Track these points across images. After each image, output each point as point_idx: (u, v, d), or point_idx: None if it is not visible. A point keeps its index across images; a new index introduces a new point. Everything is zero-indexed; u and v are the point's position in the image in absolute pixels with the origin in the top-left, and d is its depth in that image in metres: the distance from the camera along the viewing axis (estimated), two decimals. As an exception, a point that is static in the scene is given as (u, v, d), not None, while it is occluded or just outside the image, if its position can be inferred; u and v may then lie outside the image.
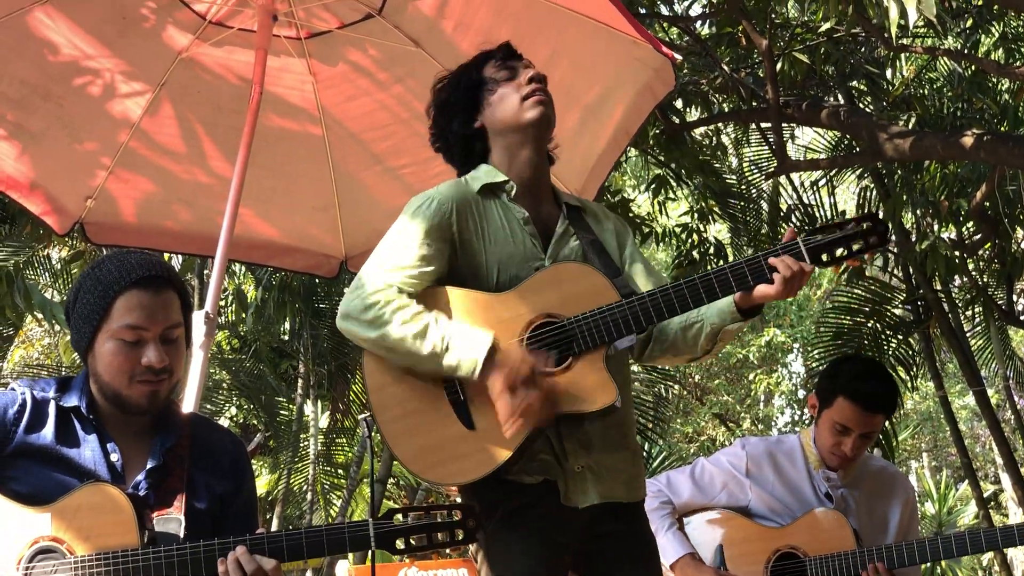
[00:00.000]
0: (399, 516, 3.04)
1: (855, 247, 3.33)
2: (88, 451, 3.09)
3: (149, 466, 3.11)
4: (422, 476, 3.31)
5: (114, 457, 3.10)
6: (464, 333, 3.22)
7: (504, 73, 3.58)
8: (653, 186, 9.78)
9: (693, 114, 9.57)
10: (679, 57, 6.51)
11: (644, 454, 12.30)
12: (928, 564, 18.74)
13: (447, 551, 3.17)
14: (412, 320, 3.22)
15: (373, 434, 3.44)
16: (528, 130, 3.50)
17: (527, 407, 3.14)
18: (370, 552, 3.37)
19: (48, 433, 3.08)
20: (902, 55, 9.42)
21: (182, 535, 3.01)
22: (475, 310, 3.32)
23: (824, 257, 3.32)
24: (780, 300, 3.30)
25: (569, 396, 3.24)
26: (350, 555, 14.31)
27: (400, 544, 3.02)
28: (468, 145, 3.59)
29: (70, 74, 5.21)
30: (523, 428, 3.16)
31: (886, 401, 4.52)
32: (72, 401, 3.14)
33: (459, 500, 3.34)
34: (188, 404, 4.49)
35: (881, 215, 3.25)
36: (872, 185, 9.82)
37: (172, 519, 3.05)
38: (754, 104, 8.72)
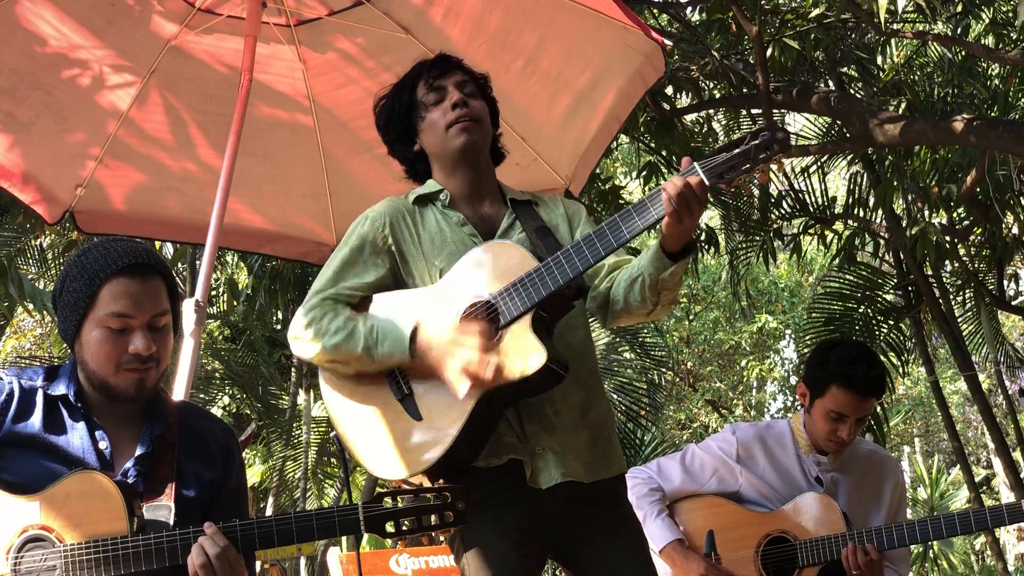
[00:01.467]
0: (388, 500, 3.04)
1: (757, 156, 3.18)
2: (76, 439, 3.09)
3: (138, 453, 3.10)
4: (389, 477, 3.35)
5: (102, 445, 3.09)
6: (388, 323, 3.34)
7: (432, 96, 3.63)
8: (644, 173, 9.78)
9: (683, 101, 9.58)
10: (669, 43, 6.52)
11: (637, 441, 12.35)
12: (920, 548, 18.79)
13: (439, 537, 3.16)
14: (344, 325, 3.38)
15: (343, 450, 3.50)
16: (456, 156, 3.59)
17: (465, 366, 3.21)
18: (360, 537, 3.37)
19: (36, 422, 3.08)
20: (892, 41, 9.43)
21: (172, 523, 3.01)
22: (406, 306, 3.43)
23: (725, 174, 3.17)
24: (682, 225, 3.17)
25: (505, 366, 3.24)
26: (343, 542, 14.34)
27: (390, 527, 3.02)
28: (412, 166, 3.73)
29: (59, 63, 5.20)
30: (472, 387, 3.23)
31: (878, 384, 4.53)
32: (60, 389, 3.13)
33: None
34: (178, 392, 4.48)
35: (776, 121, 3.11)
36: (862, 171, 9.83)
37: (162, 507, 3.04)
38: (744, 90, 8.73)
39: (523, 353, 3.26)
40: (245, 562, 2.99)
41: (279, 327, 14.27)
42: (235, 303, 12.13)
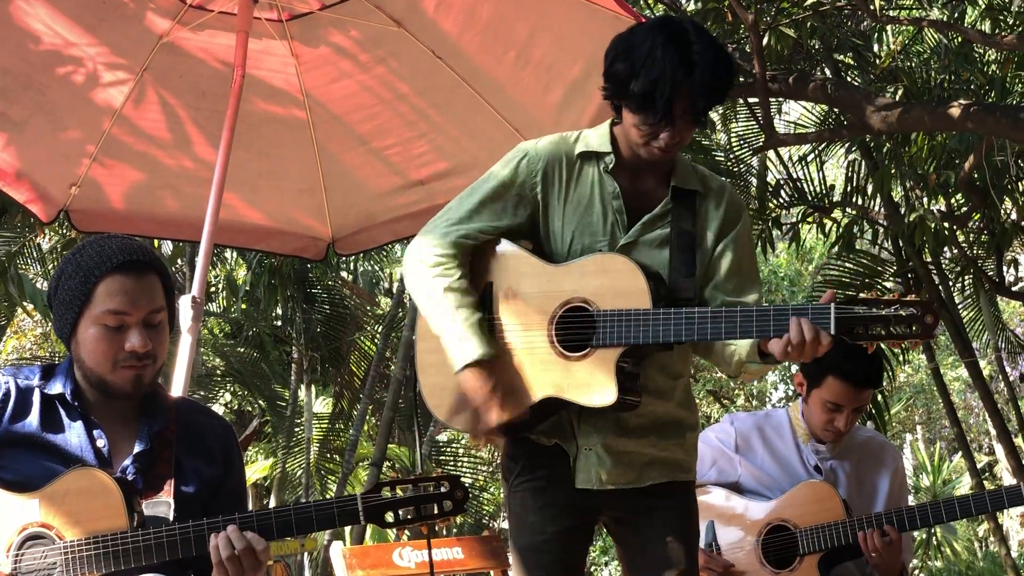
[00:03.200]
0: (387, 490, 3.04)
1: (896, 330, 3.07)
2: (74, 437, 3.08)
3: (136, 450, 3.10)
4: (432, 410, 3.42)
5: (100, 443, 3.09)
6: (460, 337, 3.31)
7: (665, 116, 3.29)
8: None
9: (680, 90, 9.54)
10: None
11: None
12: (923, 535, 18.73)
13: (441, 528, 3.17)
14: (441, 296, 3.35)
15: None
16: (633, 155, 3.41)
17: (480, 411, 3.28)
18: (362, 529, 3.38)
19: (33, 421, 3.08)
20: (888, 27, 9.41)
21: (171, 519, 3.01)
22: (527, 275, 3.40)
23: (857, 331, 3.12)
24: (785, 360, 3.19)
25: (573, 384, 3.28)
26: (346, 537, 14.35)
27: (390, 517, 3.03)
28: (613, 99, 3.43)
29: (52, 61, 5.20)
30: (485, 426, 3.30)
31: (874, 375, 4.53)
32: (56, 388, 3.13)
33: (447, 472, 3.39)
34: (177, 388, 4.49)
35: (932, 304, 2.96)
36: (860, 158, 9.82)
37: (161, 503, 3.04)
38: (741, 79, 8.71)
39: (594, 384, 3.27)
40: None
41: (279, 323, 14.27)
42: (234, 299, 12.14)
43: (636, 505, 3.45)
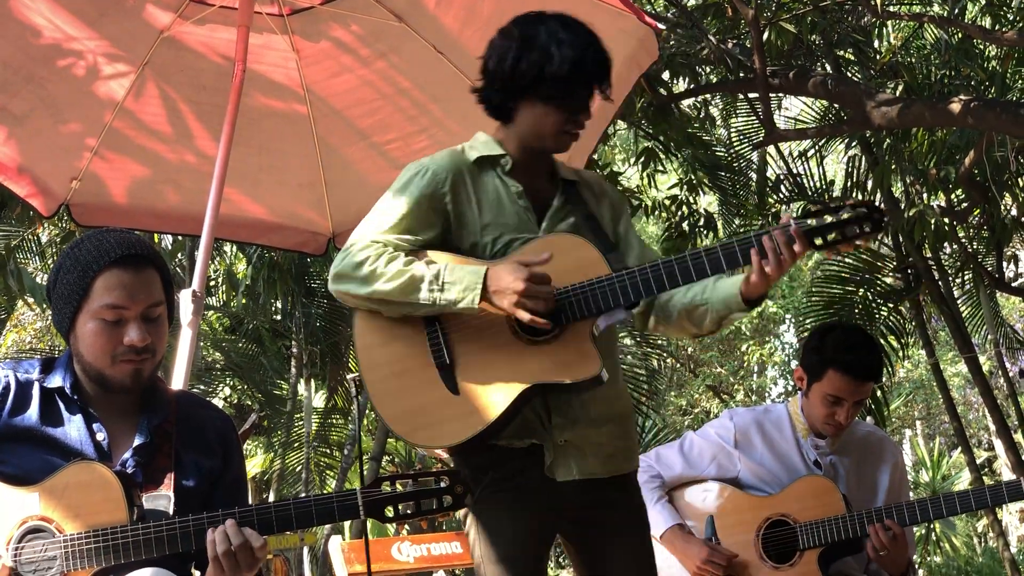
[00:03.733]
0: (387, 484, 3.04)
1: (849, 232, 3.29)
2: (74, 431, 3.08)
3: (136, 444, 3.10)
4: (407, 439, 3.33)
5: (100, 436, 3.09)
6: (457, 269, 3.25)
7: (572, 103, 3.41)
8: (642, 159, 9.78)
9: (680, 85, 9.56)
10: (663, 27, 6.51)
11: (638, 428, 12.35)
12: (923, 531, 18.73)
13: (440, 523, 3.17)
14: (404, 268, 3.25)
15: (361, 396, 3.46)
16: (541, 148, 3.49)
17: (539, 305, 3.18)
18: (362, 523, 3.37)
19: (32, 414, 3.08)
20: (889, 23, 9.41)
21: (171, 512, 3.01)
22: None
23: (817, 241, 3.28)
24: (768, 280, 3.25)
25: (553, 365, 3.26)
26: (346, 532, 14.36)
27: (390, 512, 3.02)
28: (495, 105, 3.50)
29: (52, 55, 5.19)
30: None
31: (875, 368, 4.54)
32: (56, 382, 3.13)
33: (448, 466, 3.36)
34: (177, 382, 4.49)
35: (879, 203, 3.26)
36: (860, 154, 9.82)
37: (161, 496, 3.04)
38: (741, 75, 8.72)
39: (575, 358, 3.27)
40: None
41: (279, 317, 14.27)
42: (234, 294, 12.13)
43: (600, 499, 3.44)
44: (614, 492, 3.46)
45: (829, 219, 3.29)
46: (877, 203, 3.40)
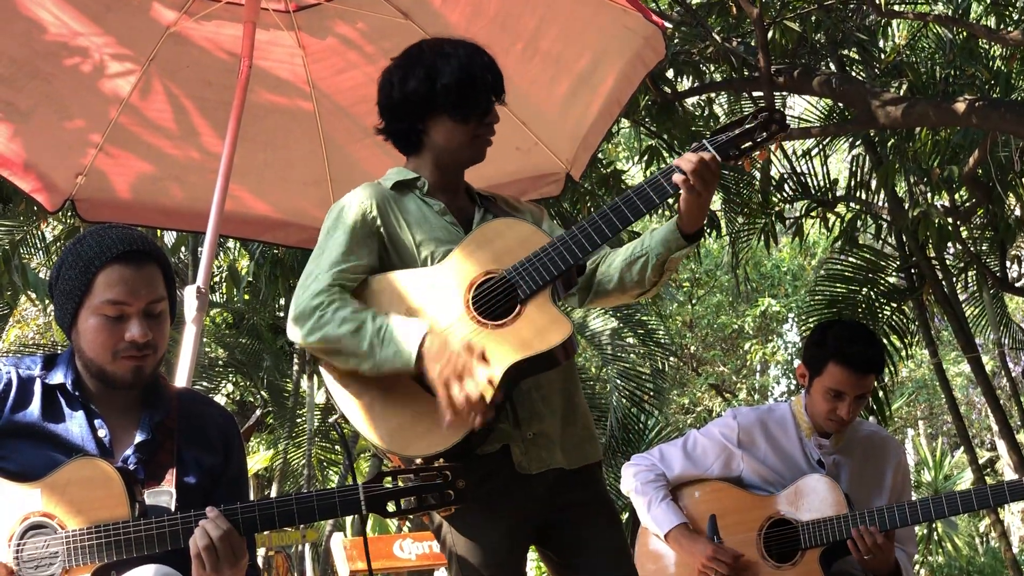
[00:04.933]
0: (389, 480, 3.04)
1: (759, 136, 3.44)
2: (75, 427, 3.09)
3: (138, 440, 3.11)
4: (404, 453, 3.27)
5: (102, 433, 3.10)
6: (399, 325, 3.24)
7: (477, 114, 3.52)
8: (645, 157, 9.78)
9: (684, 84, 9.56)
10: (669, 25, 6.51)
11: (642, 426, 12.37)
12: (924, 530, 18.74)
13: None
14: (351, 318, 3.26)
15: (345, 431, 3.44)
16: (460, 163, 3.58)
17: (463, 400, 3.14)
18: (364, 520, 3.37)
19: (34, 411, 3.08)
20: (893, 22, 9.41)
21: (173, 508, 3.02)
22: (418, 286, 3.37)
23: (731, 152, 3.41)
24: (699, 202, 3.36)
25: (522, 342, 3.26)
26: (347, 528, 14.37)
27: (391, 507, 3.03)
28: (399, 135, 3.61)
29: (58, 51, 5.19)
30: (458, 421, 3.18)
31: (876, 361, 4.54)
32: (58, 378, 3.14)
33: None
34: (181, 379, 4.49)
35: (774, 104, 3.46)
36: (864, 153, 9.81)
37: (163, 492, 3.05)
38: (746, 73, 8.72)
39: (544, 327, 3.27)
40: (247, 545, 2.99)
41: (281, 314, 14.27)
42: (236, 290, 12.12)
43: (568, 491, 3.46)
44: (581, 484, 3.50)
45: (737, 130, 3.44)
46: (775, 106, 3.54)
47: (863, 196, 9.77)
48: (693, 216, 3.39)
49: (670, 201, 3.56)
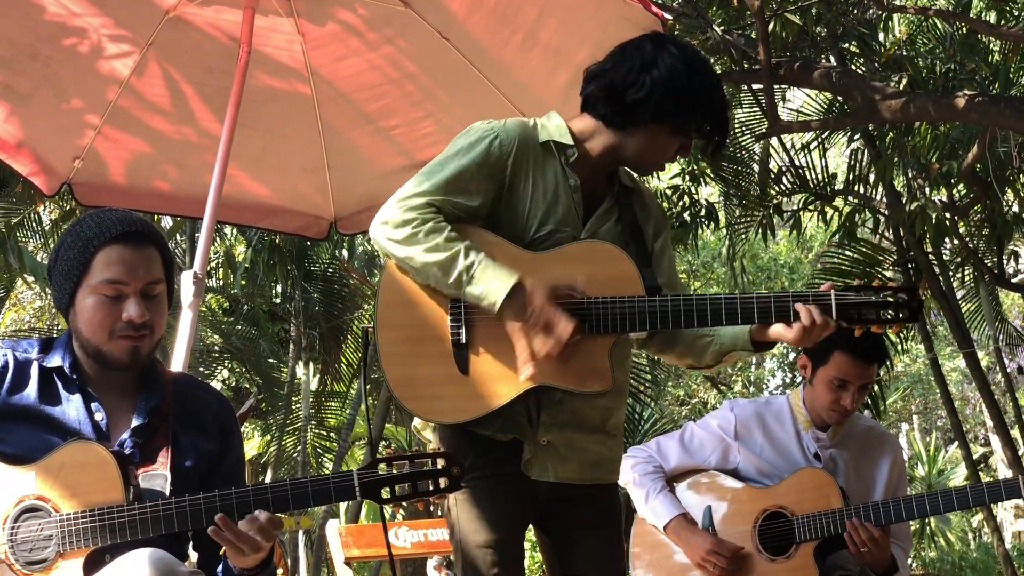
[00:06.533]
0: (383, 466, 3.04)
1: (885, 315, 3.33)
2: (72, 410, 3.08)
3: (134, 424, 3.10)
4: (404, 403, 3.30)
5: (98, 416, 3.09)
6: (491, 268, 3.21)
7: (685, 139, 3.46)
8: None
9: (684, 75, 9.52)
10: (669, 17, 6.49)
11: (637, 417, 12.35)
12: (917, 525, 18.77)
13: (436, 508, 3.17)
14: (444, 245, 3.21)
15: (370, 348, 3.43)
16: (621, 162, 3.52)
17: (537, 354, 3.18)
18: (358, 507, 3.36)
19: (31, 393, 3.07)
20: (894, 16, 9.40)
21: (168, 491, 3.01)
22: (504, 263, 3.29)
23: (853, 315, 3.32)
24: (790, 337, 3.31)
25: (564, 371, 3.27)
26: (342, 515, 14.36)
27: (386, 494, 3.02)
28: (603, 109, 3.43)
29: (57, 32, 5.17)
30: (533, 373, 3.21)
31: (880, 349, 4.55)
32: (55, 361, 3.13)
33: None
34: (177, 364, 4.48)
35: (918, 291, 3.34)
36: (863, 147, 9.81)
37: (157, 475, 3.04)
38: (746, 65, 8.70)
39: (589, 371, 3.29)
40: None
41: (278, 300, 14.27)
42: (232, 276, 12.13)
43: (572, 499, 3.45)
44: (588, 504, 3.48)
45: (869, 298, 3.33)
46: (917, 290, 3.43)
47: (861, 190, 9.78)
48: (771, 340, 3.36)
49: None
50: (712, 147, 3.47)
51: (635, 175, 3.67)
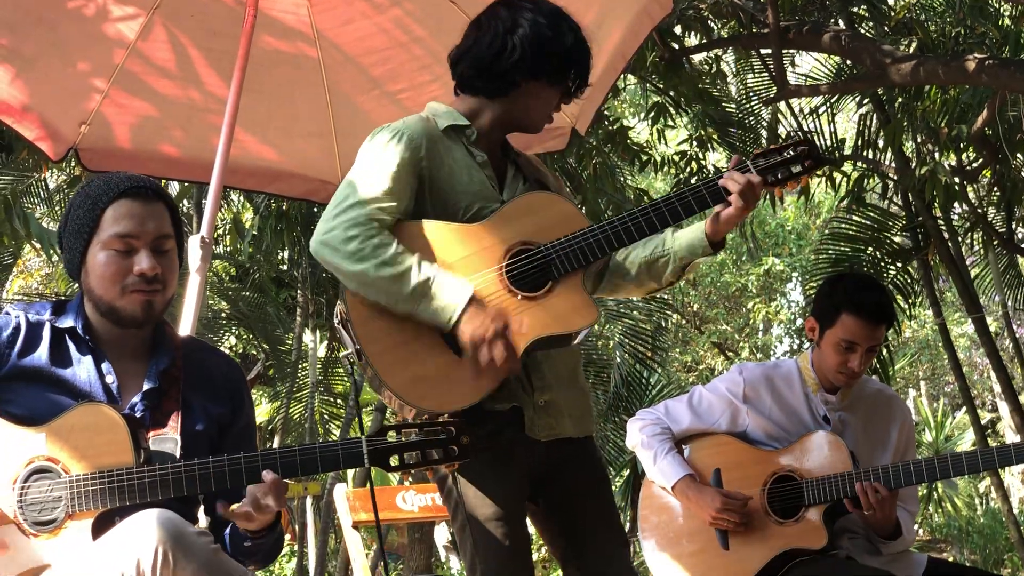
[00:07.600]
0: (392, 433, 3.04)
1: (795, 169, 3.54)
2: (83, 372, 3.09)
3: (145, 388, 3.11)
4: (417, 405, 3.28)
5: (109, 379, 3.10)
6: (444, 282, 3.25)
7: (559, 90, 3.58)
8: (652, 114, 9.74)
9: (692, 40, 9.51)
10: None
11: (645, 382, 12.42)
12: (924, 490, 18.78)
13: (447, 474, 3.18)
14: (393, 261, 3.23)
15: (355, 370, 3.44)
16: (514, 125, 3.62)
17: (489, 363, 3.19)
18: (366, 473, 3.38)
19: (42, 355, 3.09)
20: (904, -21, 9.35)
21: (178, 455, 3.02)
22: (452, 241, 3.36)
23: (768, 179, 3.51)
24: (740, 219, 3.51)
25: (550, 319, 3.32)
26: (349, 480, 14.40)
27: (395, 461, 3.03)
28: (468, 77, 3.56)
29: (62, -6, 5.16)
30: (486, 381, 3.24)
31: (888, 311, 4.54)
32: (67, 322, 3.14)
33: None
34: (184, 329, 4.49)
35: (812, 138, 3.59)
36: (872, 111, 9.77)
37: (168, 439, 3.06)
38: (754, 29, 8.67)
39: (571, 309, 3.34)
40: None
41: (285, 267, 14.25)
42: (240, 243, 12.11)
43: (567, 459, 3.53)
44: (580, 458, 3.56)
45: (777, 158, 3.53)
46: (813, 140, 3.63)
47: (870, 155, 9.74)
48: (725, 228, 3.48)
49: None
50: (575, 89, 3.58)
51: (574, 119, 3.86)
